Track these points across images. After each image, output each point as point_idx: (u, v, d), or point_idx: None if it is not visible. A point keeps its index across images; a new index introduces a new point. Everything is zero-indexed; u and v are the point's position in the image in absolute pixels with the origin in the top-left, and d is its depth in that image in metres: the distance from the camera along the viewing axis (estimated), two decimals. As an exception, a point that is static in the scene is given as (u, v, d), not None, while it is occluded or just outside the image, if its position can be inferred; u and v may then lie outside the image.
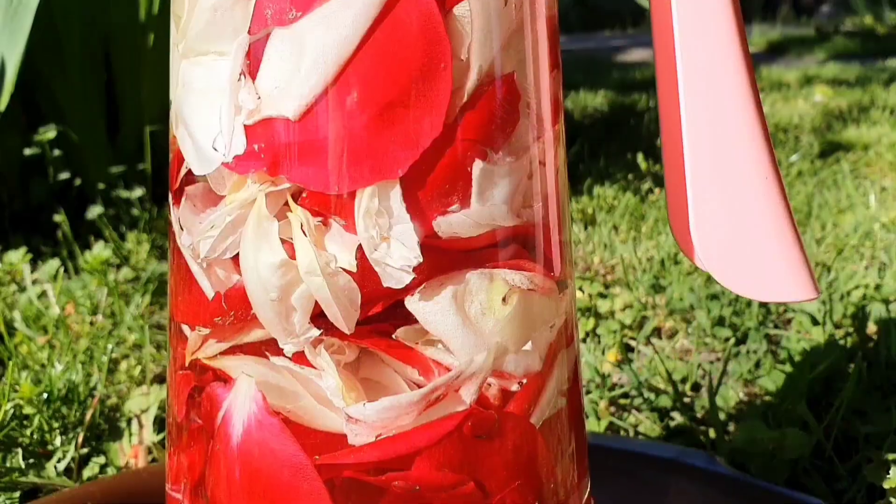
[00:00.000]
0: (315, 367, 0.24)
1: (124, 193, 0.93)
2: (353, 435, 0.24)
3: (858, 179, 1.13)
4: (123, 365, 0.56)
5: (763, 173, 0.26)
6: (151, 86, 0.90)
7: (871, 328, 0.66)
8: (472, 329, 0.24)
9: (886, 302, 0.70)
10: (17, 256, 0.79)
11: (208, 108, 0.24)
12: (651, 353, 0.63)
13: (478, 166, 0.24)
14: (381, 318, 0.24)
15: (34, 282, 0.76)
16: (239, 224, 0.24)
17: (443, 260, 0.24)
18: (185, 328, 0.26)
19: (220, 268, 0.25)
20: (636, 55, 3.17)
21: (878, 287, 0.71)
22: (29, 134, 0.90)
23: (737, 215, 0.27)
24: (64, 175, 0.89)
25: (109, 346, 0.54)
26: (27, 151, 0.87)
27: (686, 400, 0.57)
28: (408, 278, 0.24)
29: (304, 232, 0.23)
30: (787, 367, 0.58)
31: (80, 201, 0.95)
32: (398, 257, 0.23)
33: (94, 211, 0.91)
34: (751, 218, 0.27)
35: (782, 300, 0.27)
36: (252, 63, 0.24)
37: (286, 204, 0.24)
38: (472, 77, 0.24)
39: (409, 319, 0.24)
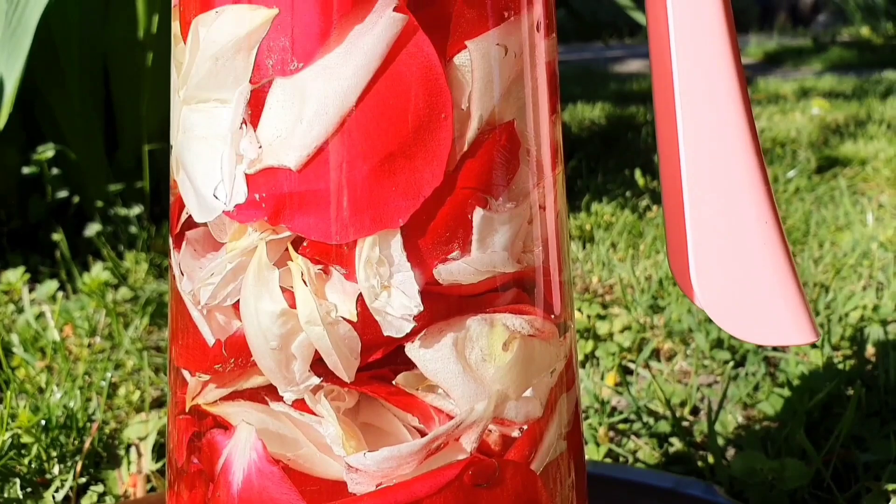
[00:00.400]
0: (315, 414, 0.24)
1: (122, 211, 0.93)
2: (354, 484, 0.24)
3: (856, 196, 1.13)
4: (122, 390, 0.56)
5: (763, 217, 0.27)
6: (150, 104, 0.90)
7: (870, 350, 0.66)
8: (472, 377, 0.24)
9: (884, 323, 0.70)
10: (16, 276, 0.79)
11: (209, 156, 0.24)
12: (650, 375, 0.63)
13: (478, 214, 0.24)
14: (380, 364, 0.24)
15: (32, 301, 0.76)
16: (240, 272, 0.24)
17: (443, 305, 0.24)
18: (186, 373, 0.26)
19: (221, 314, 0.25)
20: (633, 66, 3.18)
21: (875, 308, 0.71)
22: (28, 152, 0.90)
23: (737, 259, 0.27)
24: (62, 193, 0.89)
25: (108, 374, 0.54)
26: (25, 170, 0.87)
27: (685, 424, 0.57)
28: (408, 327, 0.24)
29: (304, 281, 0.23)
30: (786, 392, 0.58)
31: (78, 219, 0.95)
32: (399, 306, 0.23)
33: (93, 228, 0.91)
34: (751, 262, 0.27)
35: (782, 344, 0.27)
36: (253, 111, 0.24)
37: (287, 250, 0.24)
38: (473, 126, 0.24)
39: (409, 364, 0.24)
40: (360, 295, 0.23)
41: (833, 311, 0.72)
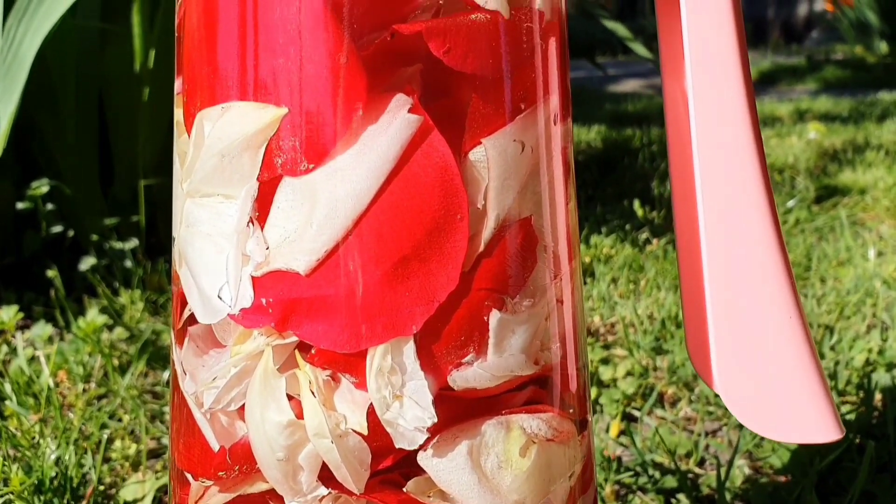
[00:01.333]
0: (323, 523, 0.23)
1: (118, 245, 0.91)
2: None
3: (856, 227, 1.13)
4: (118, 444, 0.55)
5: (788, 313, 0.26)
6: (146, 139, 0.89)
7: (877, 397, 0.65)
8: (488, 487, 0.23)
9: (891, 366, 0.69)
10: (9, 315, 0.77)
11: (214, 255, 0.23)
12: (655, 422, 0.62)
13: (495, 317, 0.23)
14: (391, 469, 0.23)
15: (26, 343, 0.75)
16: (244, 375, 0.23)
17: (457, 410, 0.23)
18: (189, 474, 0.25)
19: (225, 416, 0.24)
20: (628, 85, 3.18)
21: (881, 351, 0.70)
22: (22, 185, 0.89)
23: (760, 354, 0.26)
24: (57, 228, 0.88)
25: (104, 427, 0.52)
26: (20, 205, 0.86)
27: (691, 476, 0.56)
28: (421, 438, 0.23)
29: (312, 392, 0.22)
30: (793, 444, 0.57)
31: (73, 252, 0.94)
32: (412, 418, 0.22)
33: (87, 262, 0.90)
34: (774, 358, 0.26)
35: (807, 442, 0.26)
36: (260, 209, 0.23)
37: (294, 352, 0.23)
38: (489, 225, 0.23)
39: (421, 469, 0.23)
40: (371, 405, 0.22)
41: (839, 354, 0.71)
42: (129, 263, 0.90)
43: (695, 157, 0.25)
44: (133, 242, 0.92)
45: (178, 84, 0.25)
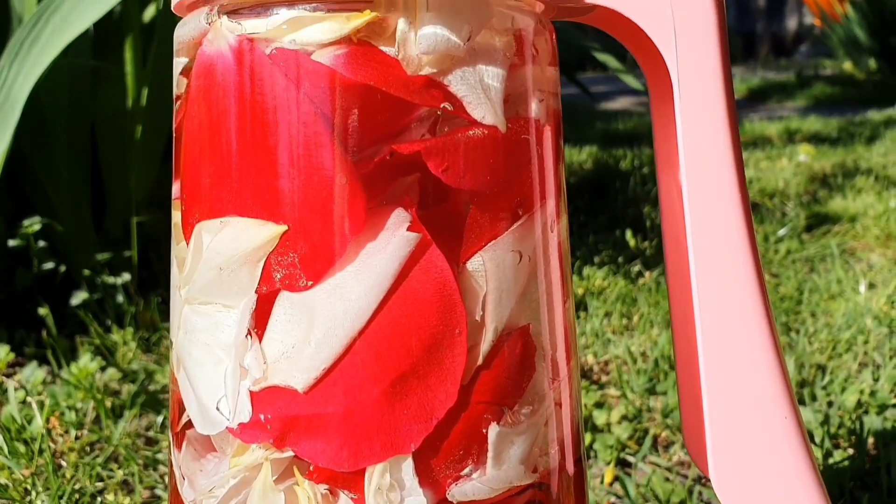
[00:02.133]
0: None
1: (110, 279, 0.91)
2: None
3: (846, 256, 1.13)
4: (111, 497, 0.55)
5: (783, 412, 0.26)
6: (138, 176, 0.89)
7: (870, 441, 0.65)
8: None
9: (882, 408, 0.69)
10: (1, 354, 0.77)
11: (212, 366, 0.23)
12: (649, 468, 0.62)
13: (493, 430, 0.23)
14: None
15: (17, 383, 0.75)
16: (243, 486, 0.23)
17: (455, 517, 0.23)
18: (185, 580, 0.25)
19: (223, 524, 0.24)
20: (619, 103, 3.19)
21: (873, 393, 0.71)
22: (14, 221, 0.89)
23: (756, 455, 0.26)
24: (49, 265, 0.88)
25: (98, 483, 0.52)
26: (11, 242, 0.86)
27: (685, 527, 0.56)
28: (420, 553, 0.23)
29: (312, 508, 0.22)
30: None
31: (65, 287, 0.93)
32: (411, 534, 0.22)
33: (79, 297, 0.89)
34: (770, 459, 0.26)
35: (803, 541, 0.26)
36: (259, 321, 0.23)
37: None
38: (488, 338, 0.23)
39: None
40: (371, 521, 0.22)
41: (830, 394, 0.72)
42: (121, 298, 0.90)
43: (690, 252, 0.26)
44: (125, 277, 0.92)
45: (175, 188, 0.25)
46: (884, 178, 1.56)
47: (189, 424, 0.25)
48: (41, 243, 0.87)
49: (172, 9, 0.25)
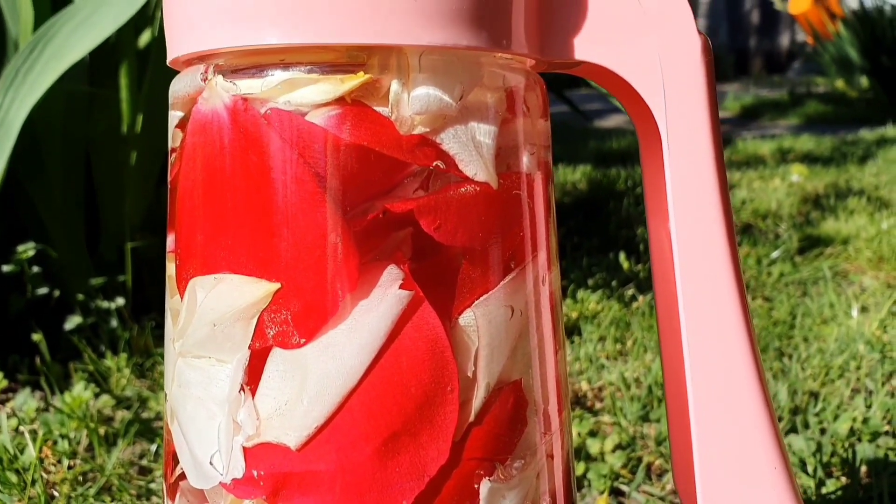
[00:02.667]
0: None
1: (104, 304, 0.91)
2: None
3: (839, 279, 1.14)
4: (103, 530, 0.55)
5: (772, 463, 0.26)
6: (132, 202, 0.89)
7: (863, 470, 0.65)
8: None
9: (875, 435, 0.69)
10: (-7, 381, 0.77)
11: (206, 420, 0.24)
12: (643, 498, 0.62)
13: (485, 486, 0.23)
14: None
15: (10, 410, 0.74)
16: (236, 541, 0.23)
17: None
18: None
19: (216, 578, 0.24)
20: (612, 121, 3.20)
21: (865, 420, 0.71)
22: (8, 246, 0.89)
23: (746, 501, 0.26)
24: (42, 290, 0.88)
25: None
26: (5, 268, 0.86)
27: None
28: None
29: (305, 566, 0.22)
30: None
31: (58, 312, 0.93)
32: (403, 591, 0.22)
33: (73, 321, 0.89)
34: (761, 509, 0.26)
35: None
36: (252, 375, 0.23)
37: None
38: (480, 394, 0.23)
39: None
40: (363, 578, 0.22)
41: (823, 422, 0.72)
42: (115, 323, 0.89)
43: (679, 299, 0.26)
44: (119, 302, 0.92)
45: (170, 241, 0.25)
46: (876, 199, 1.56)
47: (183, 476, 0.25)
48: (35, 268, 0.87)
49: (168, 63, 0.25)
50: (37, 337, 0.83)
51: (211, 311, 0.23)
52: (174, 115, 0.25)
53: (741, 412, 0.26)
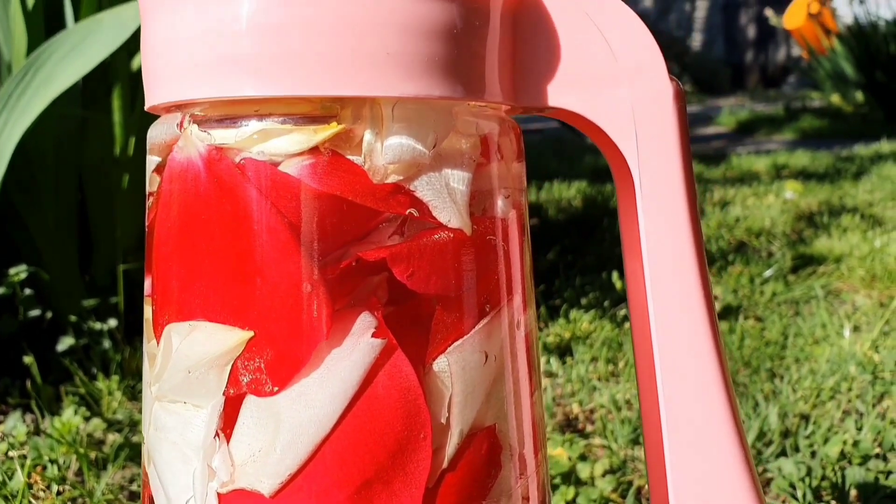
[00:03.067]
0: None
1: (96, 325, 0.91)
2: None
3: (831, 298, 1.14)
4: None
5: (744, 493, 0.26)
6: (125, 225, 0.89)
7: (853, 494, 0.65)
8: None
9: (865, 459, 0.69)
10: (-16, 404, 0.77)
11: (181, 465, 0.24)
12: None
13: (458, 532, 0.23)
14: None
15: (0, 435, 0.74)
16: (211, 587, 0.23)
17: None
18: None
19: None
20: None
21: (856, 443, 0.71)
22: (1, 269, 0.89)
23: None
24: (34, 312, 0.88)
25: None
26: (-2, 290, 0.86)
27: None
28: None
29: None
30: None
31: (50, 333, 0.93)
32: None
33: (65, 343, 0.89)
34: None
35: None
36: (226, 420, 0.23)
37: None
38: (453, 441, 0.23)
39: None
40: None
41: (813, 445, 0.72)
42: (107, 344, 0.89)
43: (654, 341, 0.26)
44: (112, 323, 0.92)
45: (147, 284, 0.26)
46: (869, 216, 1.57)
47: (159, 520, 0.25)
48: (27, 291, 0.87)
49: (146, 109, 0.26)
50: (28, 359, 0.83)
51: (186, 357, 0.23)
52: (151, 160, 0.26)
53: (714, 448, 0.26)
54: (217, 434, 0.23)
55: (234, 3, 0.22)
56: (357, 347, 0.22)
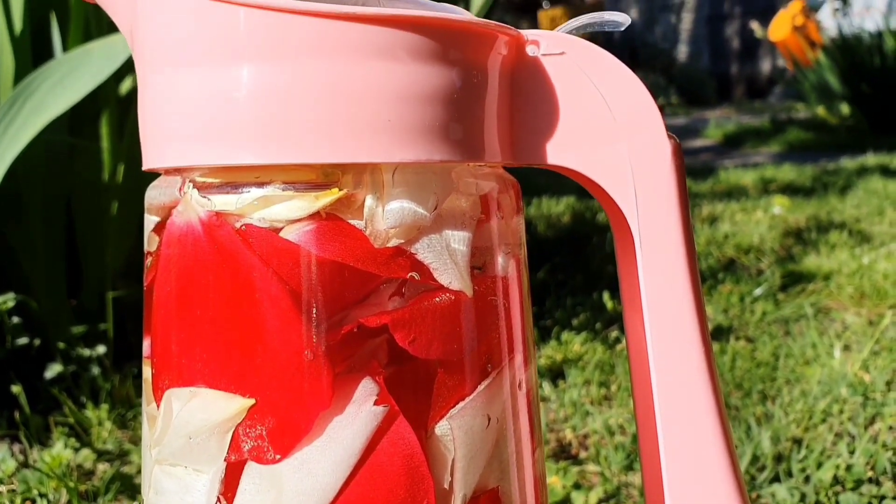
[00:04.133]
0: None
1: (85, 352, 0.90)
2: None
3: (821, 317, 1.14)
4: None
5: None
6: (114, 252, 0.88)
7: (846, 521, 0.66)
8: None
9: (858, 483, 0.70)
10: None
11: (181, 533, 0.24)
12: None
13: None
14: None
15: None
16: None
17: None
18: None
19: None
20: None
21: (849, 468, 0.71)
22: (-12, 297, 0.88)
23: None
24: (23, 340, 0.87)
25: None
26: (-15, 319, 0.85)
27: None
28: None
29: None
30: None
31: (39, 360, 0.93)
32: None
33: (54, 370, 0.89)
34: None
35: None
36: (228, 486, 0.23)
37: None
38: (456, 505, 0.23)
39: None
40: None
41: (806, 469, 0.72)
42: (96, 370, 0.89)
43: (654, 393, 0.26)
44: (100, 350, 0.91)
45: (146, 345, 0.25)
46: (857, 232, 1.58)
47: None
48: (15, 319, 0.86)
49: (144, 170, 0.25)
50: (16, 389, 0.83)
51: (187, 423, 0.23)
52: (150, 220, 0.25)
53: (709, 477, 0.26)
54: (218, 500, 0.23)
55: (236, 71, 0.22)
56: (359, 416, 0.22)
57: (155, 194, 0.25)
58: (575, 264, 1.41)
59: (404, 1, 0.26)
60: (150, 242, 0.25)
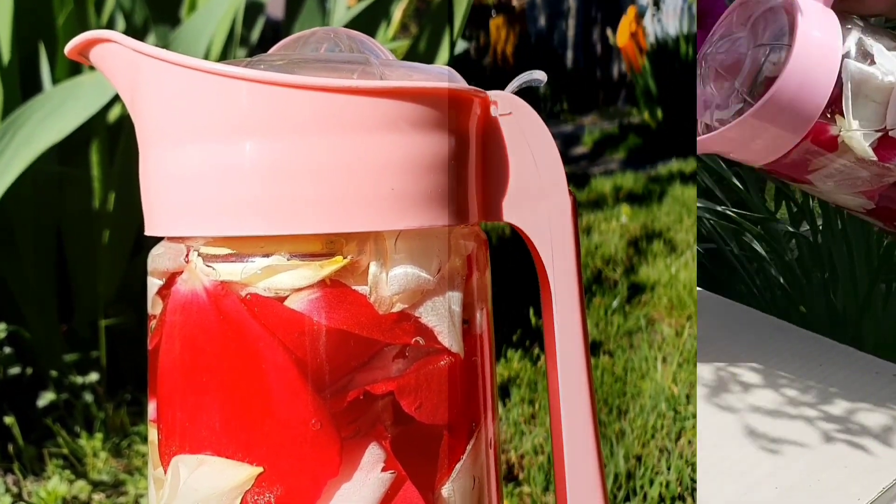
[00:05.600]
0: None
1: (78, 380, 0.77)
2: None
3: (650, 329, 0.94)
4: None
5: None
6: (106, 276, 0.78)
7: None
8: None
9: (673, 500, 0.57)
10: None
11: None
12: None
13: None
14: None
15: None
16: None
17: None
18: None
19: None
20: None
21: (667, 485, 0.58)
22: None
23: None
24: (15, 370, 0.75)
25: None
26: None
27: None
28: None
29: None
30: None
31: (32, 389, 0.78)
32: None
33: (46, 398, 0.74)
34: None
35: None
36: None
37: None
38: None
39: None
40: None
41: (643, 487, 0.59)
42: (89, 398, 0.76)
43: (560, 402, 0.21)
44: (93, 377, 0.78)
45: (151, 408, 0.20)
46: (668, 240, 1.36)
47: None
48: (7, 349, 0.74)
49: (146, 234, 0.20)
50: (9, 420, 0.70)
51: (195, 490, 0.18)
52: (153, 283, 0.20)
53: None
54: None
55: (240, 145, 0.17)
56: (367, 483, 0.17)
57: (158, 259, 0.20)
58: (508, 278, 1.22)
59: (395, 65, 0.21)
60: (154, 305, 0.20)
